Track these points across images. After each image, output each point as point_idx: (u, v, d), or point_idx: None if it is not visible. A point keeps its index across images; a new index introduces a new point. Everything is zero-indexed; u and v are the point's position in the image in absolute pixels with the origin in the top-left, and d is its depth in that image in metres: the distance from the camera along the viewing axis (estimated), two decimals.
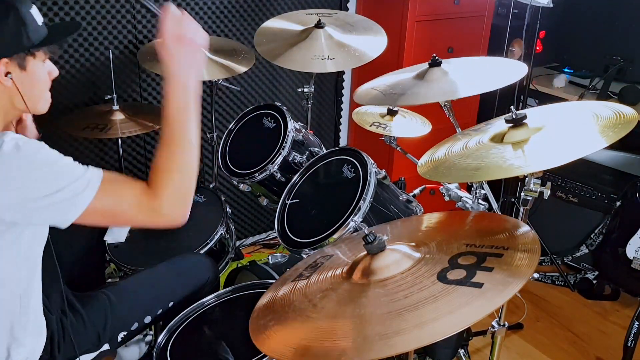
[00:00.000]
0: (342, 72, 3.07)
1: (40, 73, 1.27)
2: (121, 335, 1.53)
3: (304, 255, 1.63)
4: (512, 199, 2.77)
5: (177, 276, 1.68)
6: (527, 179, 1.38)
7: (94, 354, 1.49)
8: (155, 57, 2.23)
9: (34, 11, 1.24)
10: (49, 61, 1.30)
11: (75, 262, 1.79)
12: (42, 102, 1.32)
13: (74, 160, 1.20)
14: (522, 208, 1.41)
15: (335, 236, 1.59)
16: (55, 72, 1.32)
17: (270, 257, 2.10)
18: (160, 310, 1.60)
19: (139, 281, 1.66)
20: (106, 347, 1.50)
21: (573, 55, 3.04)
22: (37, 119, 2.29)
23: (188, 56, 1.27)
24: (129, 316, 1.55)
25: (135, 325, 1.56)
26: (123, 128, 2.14)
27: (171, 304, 1.62)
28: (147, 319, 1.58)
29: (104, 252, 1.92)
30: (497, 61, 1.90)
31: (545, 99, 2.88)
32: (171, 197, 1.22)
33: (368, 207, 1.62)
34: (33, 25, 1.22)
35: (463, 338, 1.97)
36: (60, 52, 2.24)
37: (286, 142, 1.96)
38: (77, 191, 1.15)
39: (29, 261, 1.29)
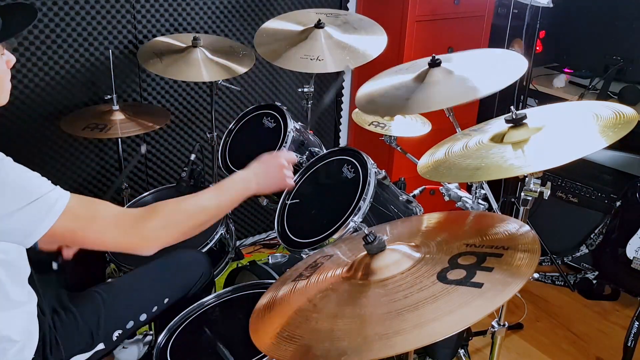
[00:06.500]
0: (342, 72, 3.07)
1: None
2: (116, 334, 1.52)
3: (304, 256, 1.63)
4: (512, 199, 2.76)
5: (170, 272, 1.67)
6: (527, 179, 1.37)
7: (88, 354, 1.47)
8: (155, 57, 2.23)
9: None
10: (7, 51, 1.23)
11: (77, 262, 1.79)
12: (3, 95, 1.24)
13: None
14: (522, 208, 1.41)
15: (335, 236, 1.59)
16: (13, 60, 1.25)
17: (270, 257, 2.10)
18: (156, 308, 1.59)
19: (132, 279, 1.65)
20: (101, 346, 1.49)
21: (573, 55, 3.04)
22: (37, 119, 2.31)
23: (271, 179, 1.50)
24: (123, 314, 1.54)
25: (131, 323, 1.55)
26: (123, 128, 2.14)
27: (166, 300, 1.61)
28: (143, 317, 1.57)
29: (105, 252, 1.92)
30: (496, 55, 1.89)
31: (545, 99, 2.88)
32: (160, 227, 1.24)
33: (368, 207, 1.61)
34: None
35: (463, 338, 1.97)
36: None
37: (286, 142, 1.96)
38: (48, 204, 1.11)
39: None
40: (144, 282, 1.63)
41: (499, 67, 1.74)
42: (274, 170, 1.50)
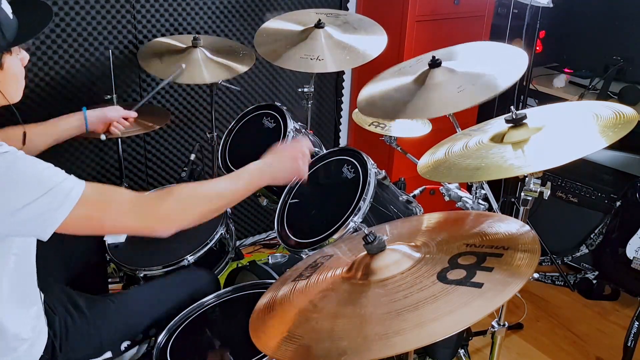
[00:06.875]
0: (342, 72, 3.07)
1: (16, 66, 1.24)
2: (124, 344, 1.53)
3: (304, 256, 1.63)
4: (512, 199, 2.76)
5: (182, 290, 1.67)
6: (527, 179, 1.38)
7: None
8: (155, 57, 2.23)
9: (4, 4, 1.16)
10: (21, 49, 1.26)
11: (78, 261, 1.79)
12: (20, 92, 1.30)
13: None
14: (522, 208, 1.41)
15: (335, 236, 1.59)
16: (26, 58, 1.28)
17: (270, 257, 2.10)
18: (164, 322, 1.60)
19: (145, 292, 1.67)
20: (108, 354, 1.50)
21: (573, 55, 3.04)
22: (36, 119, 2.30)
23: (287, 169, 1.49)
24: (133, 326, 1.55)
25: (140, 336, 1.57)
26: None
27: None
28: (152, 332, 1.58)
29: (105, 251, 1.92)
30: (496, 51, 1.88)
31: (545, 99, 2.88)
32: (175, 208, 1.25)
33: (368, 208, 1.61)
34: (6, 22, 1.15)
35: (463, 338, 1.97)
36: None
37: (286, 143, 1.96)
38: (63, 193, 1.11)
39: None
40: (156, 297, 1.64)
41: (499, 66, 1.73)
42: (286, 162, 1.49)
